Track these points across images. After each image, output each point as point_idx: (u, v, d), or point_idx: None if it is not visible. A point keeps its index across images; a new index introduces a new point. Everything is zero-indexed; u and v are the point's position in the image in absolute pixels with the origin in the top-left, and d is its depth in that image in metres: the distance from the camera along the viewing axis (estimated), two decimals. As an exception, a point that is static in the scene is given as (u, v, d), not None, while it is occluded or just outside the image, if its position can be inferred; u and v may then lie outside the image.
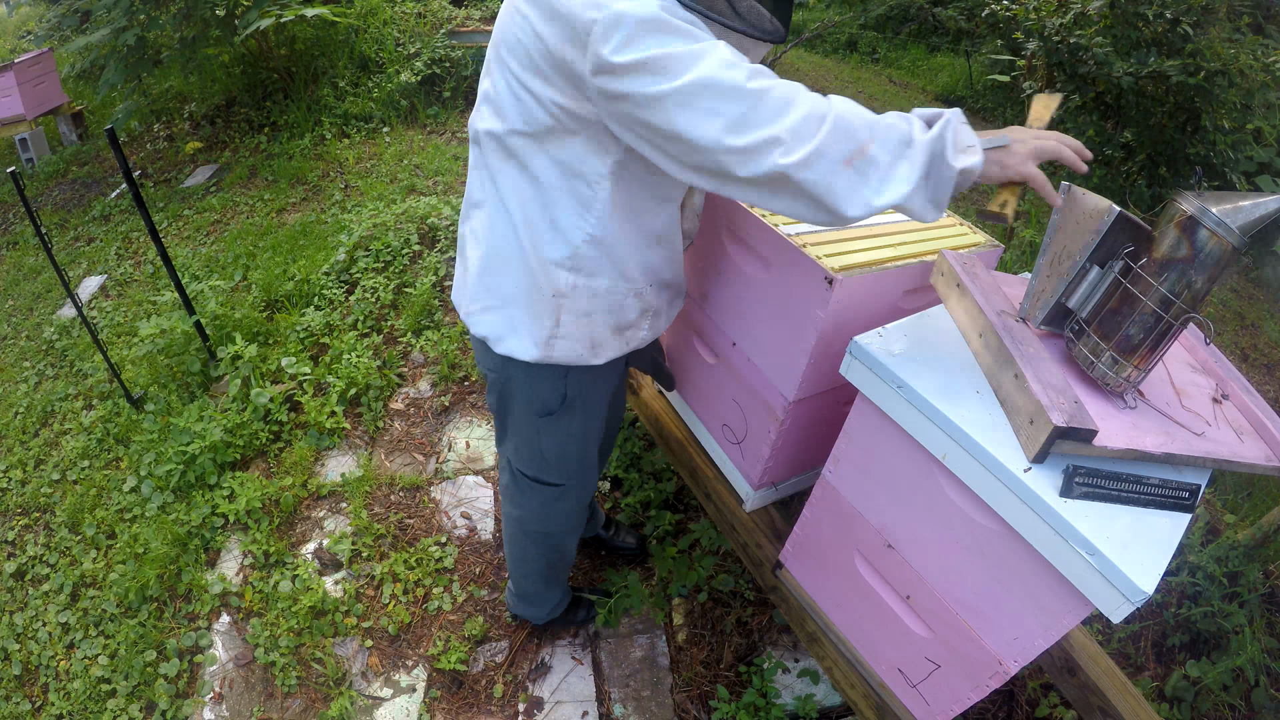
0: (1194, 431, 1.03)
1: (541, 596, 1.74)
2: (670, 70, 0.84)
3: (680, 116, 0.86)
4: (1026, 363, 0.97)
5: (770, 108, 0.84)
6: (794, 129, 0.84)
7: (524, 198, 1.07)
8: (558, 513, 1.49)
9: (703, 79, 0.84)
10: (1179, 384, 1.15)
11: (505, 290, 1.15)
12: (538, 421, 1.30)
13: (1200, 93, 2.71)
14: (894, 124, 0.88)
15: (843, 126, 0.85)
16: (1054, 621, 0.94)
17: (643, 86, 0.86)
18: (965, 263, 1.17)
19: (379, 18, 5.22)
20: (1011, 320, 1.06)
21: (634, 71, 0.85)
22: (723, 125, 0.84)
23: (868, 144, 0.86)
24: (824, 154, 0.84)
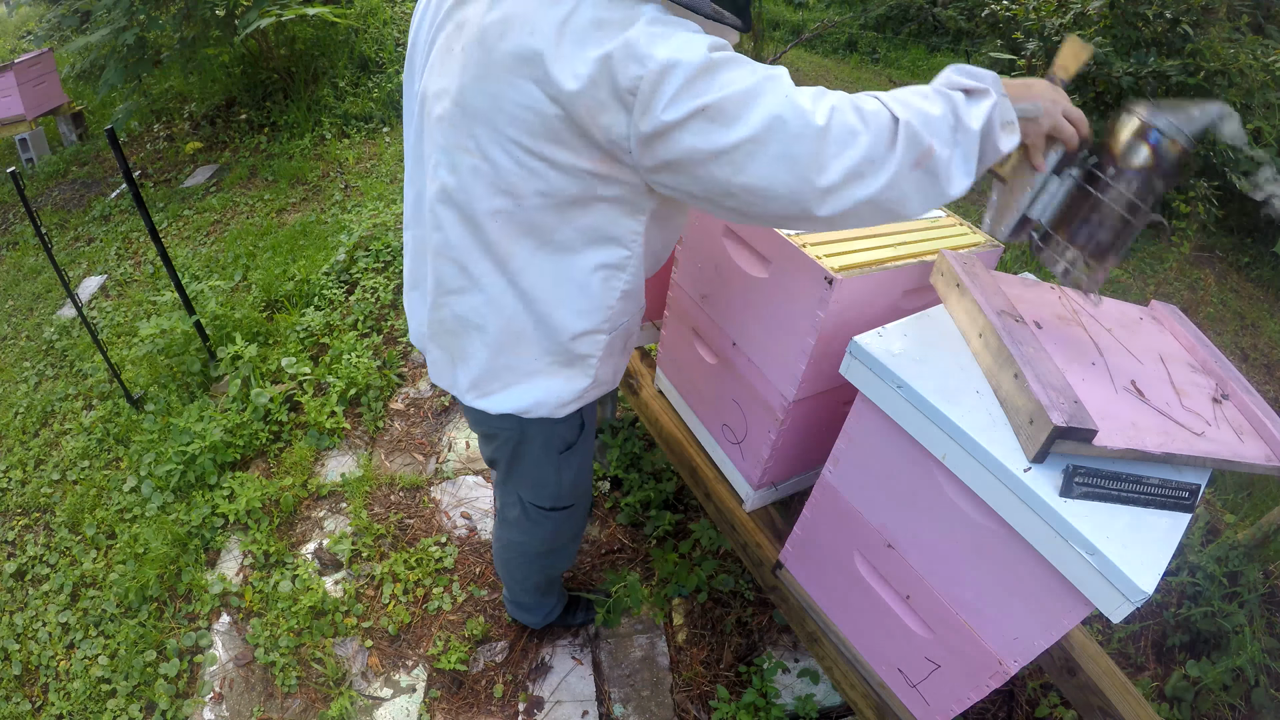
0: (1194, 431, 1.03)
1: (540, 604, 1.75)
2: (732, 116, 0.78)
3: (751, 167, 0.80)
4: (1026, 363, 0.97)
5: (841, 136, 0.80)
6: (869, 156, 0.81)
7: (542, 272, 0.98)
8: (567, 529, 1.48)
9: (770, 120, 0.78)
10: (1179, 384, 1.15)
11: (527, 366, 1.08)
12: (558, 459, 1.27)
13: (1200, 93, 2.72)
14: (941, 114, 0.85)
15: (909, 135, 0.82)
16: (1054, 621, 0.94)
17: (703, 141, 0.79)
18: (965, 262, 1.17)
19: (379, 18, 5.23)
20: (1012, 320, 1.07)
21: (691, 124, 0.78)
22: (801, 171, 0.79)
23: (932, 145, 0.83)
24: (900, 171, 0.82)
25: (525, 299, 1.01)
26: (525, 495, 1.38)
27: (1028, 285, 1.23)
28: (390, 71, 4.88)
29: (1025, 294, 1.19)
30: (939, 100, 0.85)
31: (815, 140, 0.78)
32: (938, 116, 0.84)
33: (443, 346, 1.15)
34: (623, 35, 0.78)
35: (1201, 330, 1.32)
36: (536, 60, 0.81)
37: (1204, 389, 1.17)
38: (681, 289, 1.60)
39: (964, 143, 0.85)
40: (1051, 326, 1.13)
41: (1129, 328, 1.25)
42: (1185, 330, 1.30)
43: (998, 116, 0.87)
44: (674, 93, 0.77)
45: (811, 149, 0.79)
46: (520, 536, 1.48)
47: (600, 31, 0.79)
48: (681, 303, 1.61)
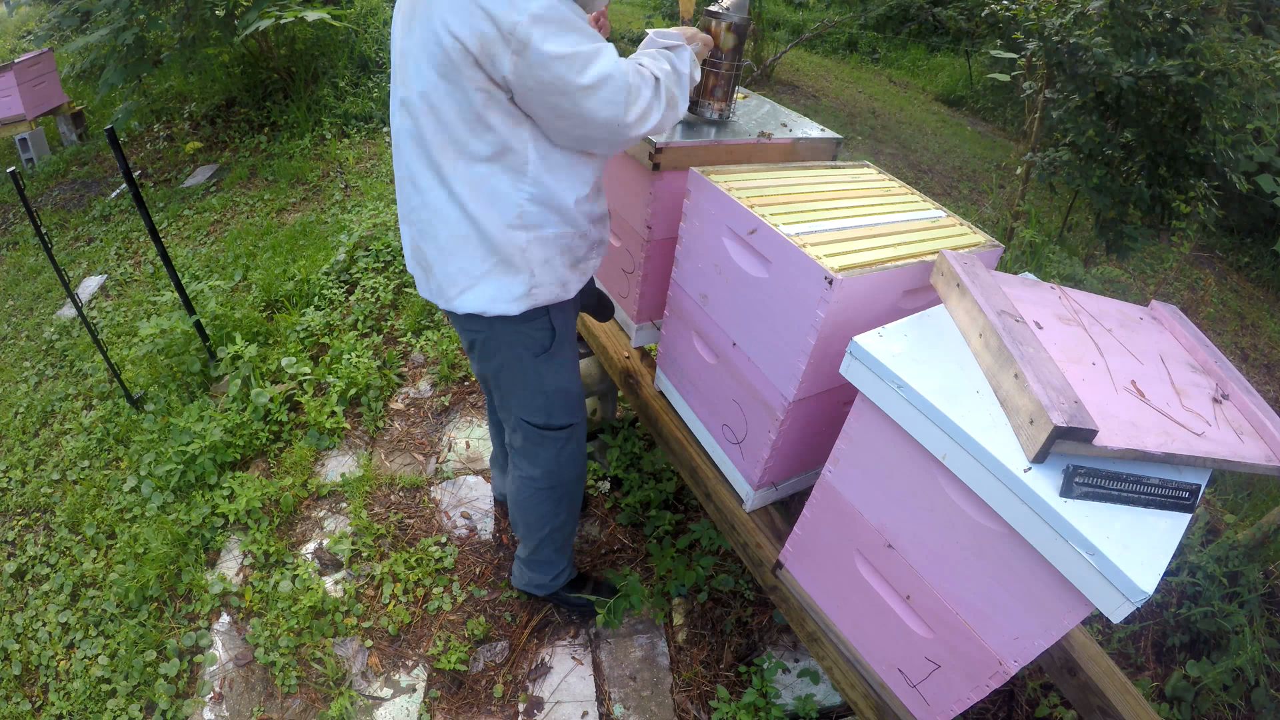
0: (1194, 431, 1.04)
1: (552, 562, 1.77)
2: (581, 66, 1.11)
3: (587, 103, 1.15)
4: (1026, 363, 0.97)
5: (637, 91, 1.19)
6: (650, 103, 1.22)
7: (470, 179, 1.22)
8: (569, 458, 1.59)
9: (603, 76, 1.14)
10: (1179, 384, 1.15)
11: (476, 267, 1.29)
12: (536, 363, 1.43)
13: (1200, 93, 2.71)
14: (671, 69, 1.29)
15: (666, 88, 1.26)
16: (1054, 621, 0.94)
17: (563, 75, 1.11)
18: (965, 262, 1.17)
19: (379, 18, 5.23)
20: (1012, 320, 1.07)
21: (558, 62, 1.09)
22: (617, 110, 1.18)
23: (674, 93, 1.28)
24: (662, 110, 1.25)
25: (458, 204, 1.25)
26: (519, 411, 1.52)
27: (1028, 285, 1.24)
28: (390, 71, 4.88)
29: (1025, 294, 1.19)
30: (663, 60, 1.30)
31: (625, 92, 1.17)
32: (668, 72, 1.28)
33: (418, 261, 1.38)
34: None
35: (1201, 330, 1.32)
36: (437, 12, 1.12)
37: (1204, 389, 1.17)
38: (681, 289, 1.60)
39: (683, 83, 1.32)
40: (1052, 326, 1.13)
41: (1129, 328, 1.25)
42: (1185, 330, 1.30)
43: (690, 59, 1.35)
44: (543, 33, 1.08)
45: (624, 98, 1.17)
46: (530, 469, 1.59)
47: None
48: (681, 303, 1.61)
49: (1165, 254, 3.23)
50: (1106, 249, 3.23)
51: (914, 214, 1.44)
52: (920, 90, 7.61)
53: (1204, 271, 4.86)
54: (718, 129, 1.68)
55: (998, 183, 4.94)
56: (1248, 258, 5.33)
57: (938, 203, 1.50)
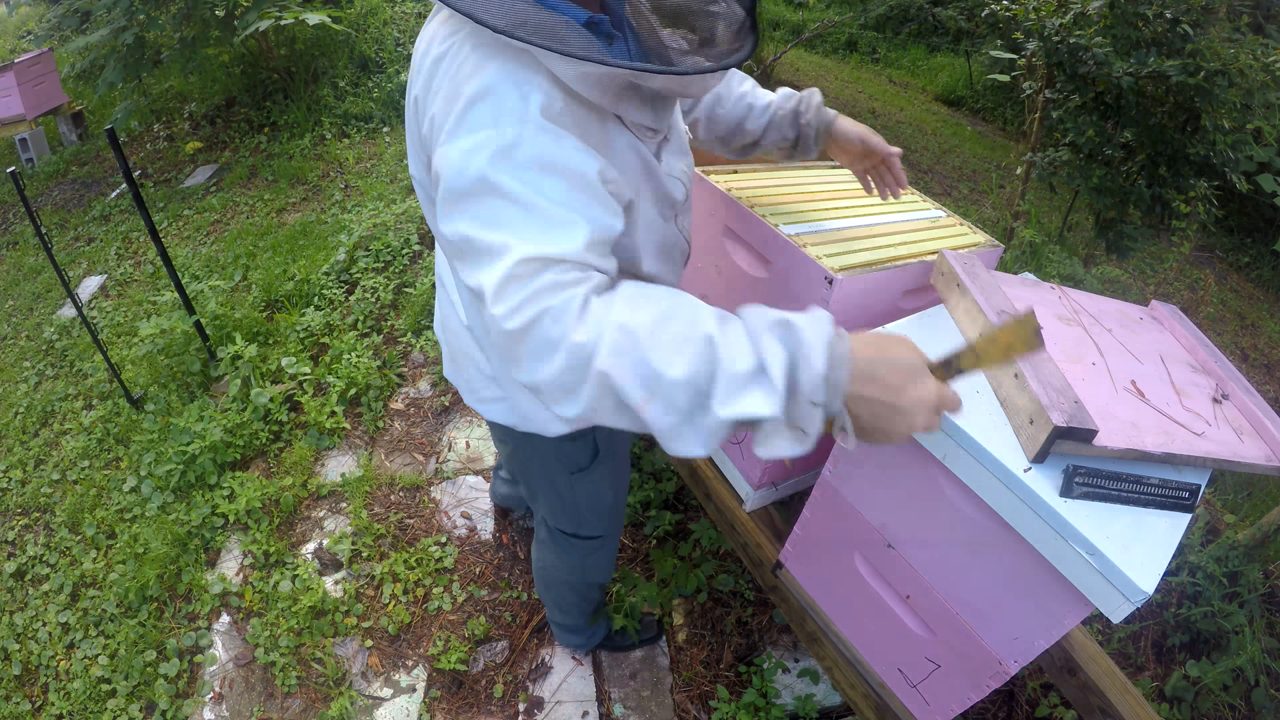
0: (1194, 431, 1.03)
1: (584, 628, 1.75)
2: (471, 259, 0.73)
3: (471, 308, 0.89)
4: (1026, 362, 0.97)
5: (535, 349, 0.69)
6: (557, 383, 0.70)
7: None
8: (596, 563, 1.48)
9: (477, 289, 0.72)
10: (1179, 384, 1.14)
11: (508, 379, 1.06)
12: (570, 479, 1.25)
13: (1200, 93, 2.71)
14: (683, 379, 0.66)
15: (604, 385, 0.68)
16: (1054, 621, 0.94)
17: (454, 252, 0.77)
18: (965, 262, 1.17)
19: (379, 18, 5.23)
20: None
21: (453, 237, 0.75)
22: (498, 354, 0.82)
23: (641, 406, 0.68)
24: (598, 409, 0.71)
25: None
26: (546, 516, 1.37)
27: (1028, 285, 1.23)
28: (390, 71, 4.88)
29: (1025, 294, 1.19)
30: (692, 360, 0.66)
31: (502, 339, 0.71)
32: (672, 380, 0.66)
33: (448, 343, 1.17)
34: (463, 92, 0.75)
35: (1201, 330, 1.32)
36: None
37: (1204, 389, 1.16)
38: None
39: (705, 422, 0.67)
40: (1052, 326, 1.12)
41: (1129, 327, 1.25)
42: (1185, 330, 1.29)
43: (767, 419, 0.67)
44: (451, 196, 0.74)
45: (500, 344, 0.72)
46: (552, 560, 1.49)
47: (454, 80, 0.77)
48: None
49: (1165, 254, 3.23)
50: (1106, 249, 3.23)
51: (914, 214, 1.44)
52: (920, 90, 7.61)
53: (1204, 271, 4.85)
54: None
55: (998, 183, 4.93)
56: (1248, 258, 5.33)
57: (938, 203, 1.50)
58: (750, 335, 0.68)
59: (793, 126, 1.23)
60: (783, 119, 1.23)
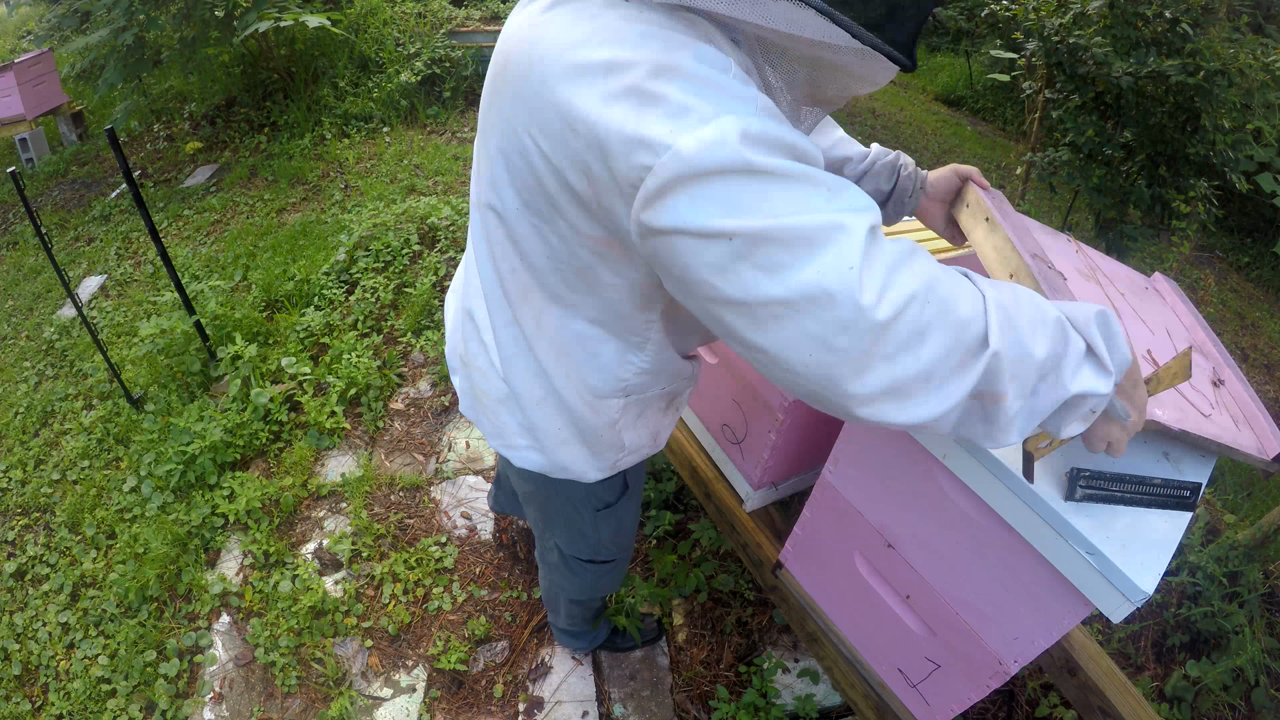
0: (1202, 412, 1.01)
1: (587, 632, 1.75)
2: (768, 262, 0.58)
3: (775, 332, 0.60)
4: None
5: (903, 338, 0.59)
6: (929, 371, 0.60)
7: (560, 337, 0.88)
8: (608, 581, 1.46)
9: (815, 292, 0.57)
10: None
11: (548, 430, 0.97)
12: (595, 516, 1.19)
13: (1200, 93, 2.71)
14: (1045, 357, 0.64)
15: (991, 369, 0.62)
16: (1054, 621, 0.94)
17: (715, 276, 0.60)
18: (995, 198, 1.06)
19: (379, 18, 5.23)
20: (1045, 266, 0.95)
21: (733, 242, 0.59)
22: (835, 366, 0.59)
23: (1007, 392, 0.63)
24: (958, 402, 0.62)
25: (536, 358, 0.92)
26: (561, 545, 1.32)
27: (1048, 233, 1.16)
28: (390, 71, 4.88)
29: (1047, 241, 1.11)
30: (1053, 337, 0.65)
31: (867, 336, 0.58)
32: (1038, 359, 0.64)
33: (469, 381, 1.05)
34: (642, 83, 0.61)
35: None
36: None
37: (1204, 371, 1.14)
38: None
39: (1043, 400, 0.67)
40: (1074, 280, 1.06)
41: (1139, 295, 1.21)
42: (1186, 308, 1.28)
43: (1094, 404, 0.69)
44: (687, 199, 0.59)
45: (859, 345, 0.58)
46: (560, 580, 1.45)
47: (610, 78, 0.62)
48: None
49: (1165, 254, 3.23)
50: (1106, 249, 3.23)
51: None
52: (920, 90, 7.61)
53: (1204, 271, 4.86)
54: None
55: (998, 183, 4.92)
56: (1248, 258, 5.33)
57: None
58: (1078, 320, 0.69)
59: (890, 179, 1.11)
60: (880, 170, 1.11)
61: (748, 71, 0.66)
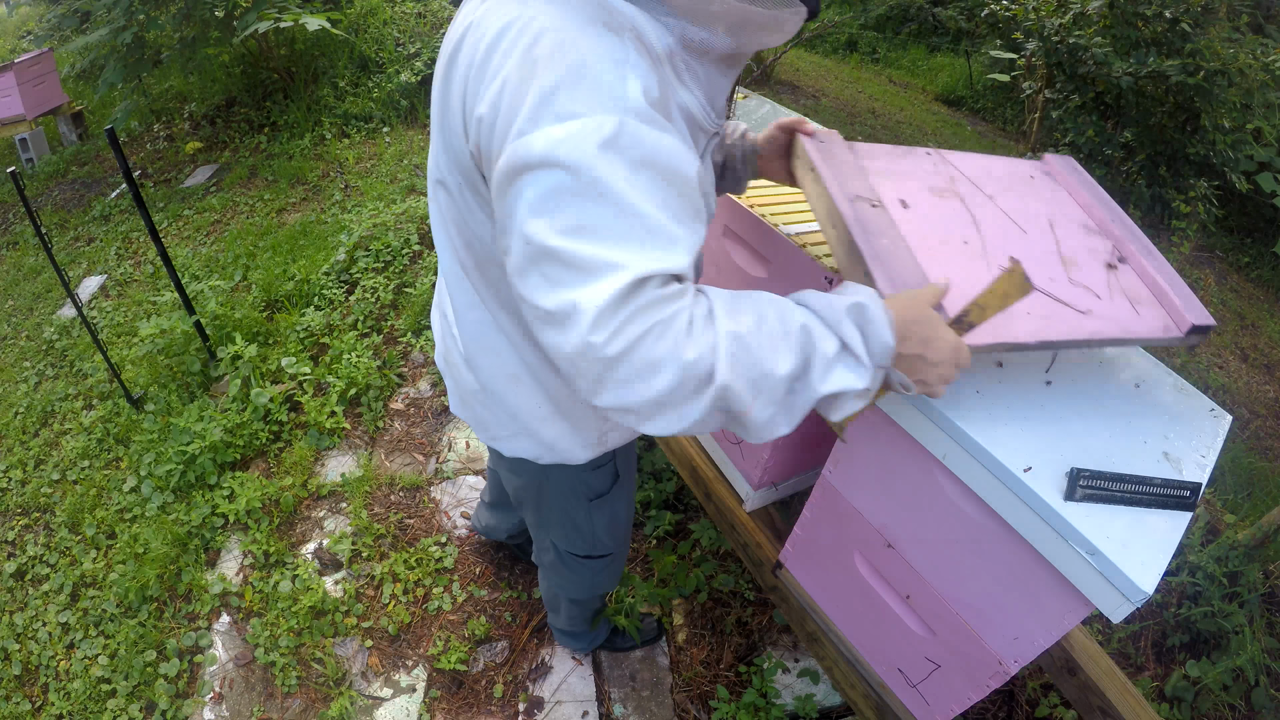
0: (1079, 310, 0.95)
1: (587, 632, 1.75)
2: (557, 274, 0.65)
3: (542, 335, 0.69)
4: (876, 259, 0.87)
5: (631, 373, 0.65)
6: (660, 399, 0.66)
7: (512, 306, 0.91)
8: (606, 577, 1.45)
9: (569, 308, 0.64)
10: (1068, 253, 1.03)
11: (529, 410, 0.99)
12: (588, 507, 1.20)
13: (1200, 92, 2.71)
14: (787, 373, 0.70)
15: (722, 396, 0.67)
16: (1054, 621, 0.94)
17: (525, 263, 0.67)
18: (823, 143, 1.03)
19: (379, 18, 5.23)
20: (867, 206, 0.94)
21: (531, 248, 0.66)
22: (577, 376, 0.68)
23: (749, 409, 0.70)
24: (700, 419, 0.69)
25: (505, 334, 0.93)
26: (558, 541, 1.32)
27: (898, 156, 1.11)
28: (390, 71, 4.88)
29: (895, 166, 1.07)
30: (799, 348, 0.71)
31: (598, 364, 0.65)
32: (780, 375, 0.70)
33: (452, 376, 1.08)
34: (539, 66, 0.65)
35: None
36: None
37: (1099, 254, 1.06)
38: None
39: (798, 403, 0.73)
40: (922, 202, 1.02)
41: (1016, 191, 1.13)
42: (1082, 185, 1.17)
43: (856, 390, 0.74)
44: (543, 195, 0.64)
45: (593, 370, 0.66)
46: (559, 580, 1.46)
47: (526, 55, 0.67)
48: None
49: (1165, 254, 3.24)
50: (1106, 249, 3.23)
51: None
52: (920, 90, 7.61)
53: (1204, 271, 4.85)
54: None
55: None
56: (1248, 258, 5.33)
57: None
58: (829, 318, 0.74)
59: (720, 151, 1.10)
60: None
61: (661, 60, 0.71)
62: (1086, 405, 1.03)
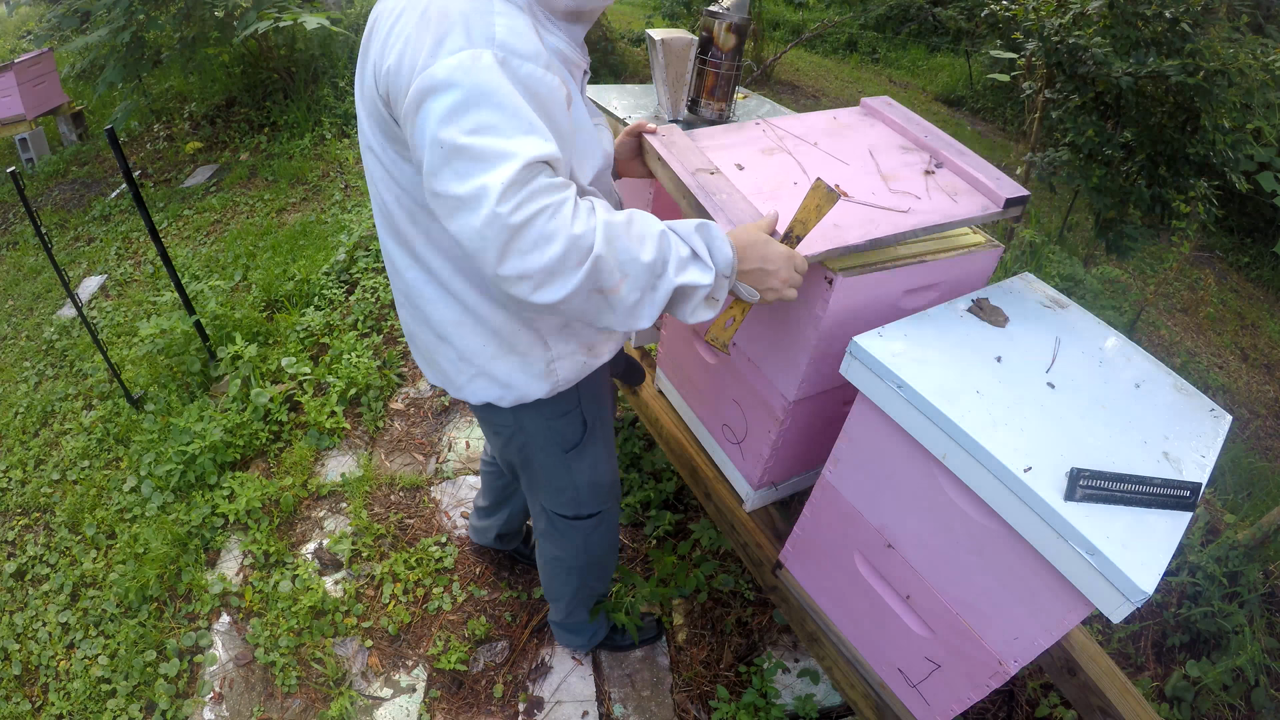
0: (899, 210, 1.14)
1: (586, 626, 1.74)
2: (464, 165, 0.80)
3: (453, 221, 0.82)
4: (718, 209, 1.08)
5: (530, 241, 0.80)
6: (549, 268, 0.81)
7: (445, 246, 1.01)
8: (598, 540, 1.48)
9: (480, 190, 0.79)
10: (886, 170, 1.24)
11: (478, 350, 1.09)
12: (565, 459, 1.28)
13: (1200, 92, 2.71)
14: (649, 262, 0.87)
15: (596, 267, 0.83)
16: (1054, 621, 0.94)
17: (439, 162, 0.81)
18: (664, 136, 1.25)
19: (379, 18, 5.22)
20: (706, 174, 1.16)
21: (443, 148, 0.80)
22: (483, 249, 0.81)
23: (619, 285, 0.86)
24: (578, 291, 0.84)
25: (438, 283, 1.05)
26: (546, 503, 1.39)
27: (730, 131, 1.33)
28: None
29: (728, 140, 1.30)
30: (659, 247, 0.89)
31: (505, 232, 0.79)
32: (644, 262, 0.87)
33: (417, 349, 1.21)
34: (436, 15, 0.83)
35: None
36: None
37: (916, 166, 1.26)
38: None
39: (659, 292, 0.90)
40: (754, 164, 1.23)
41: (838, 135, 1.35)
42: (895, 115, 1.39)
43: (705, 292, 0.93)
44: (448, 110, 0.80)
45: (500, 238, 0.79)
46: (555, 550, 1.50)
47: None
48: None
49: (1165, 254, 3.23)
50: (1106, 249, 3.23)
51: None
52: (920, 90, 7.61)
53: (1204, 271, 4.86)
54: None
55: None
56: (1248, 258, 5.33)
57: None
58: (682, 232, 0.93)
59: None
60: None
61: (523, 9, 0.90)
62: (1086, 405, 1.03)
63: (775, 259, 0.98)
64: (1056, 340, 1.15)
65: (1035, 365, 1.08)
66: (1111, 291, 3.67)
